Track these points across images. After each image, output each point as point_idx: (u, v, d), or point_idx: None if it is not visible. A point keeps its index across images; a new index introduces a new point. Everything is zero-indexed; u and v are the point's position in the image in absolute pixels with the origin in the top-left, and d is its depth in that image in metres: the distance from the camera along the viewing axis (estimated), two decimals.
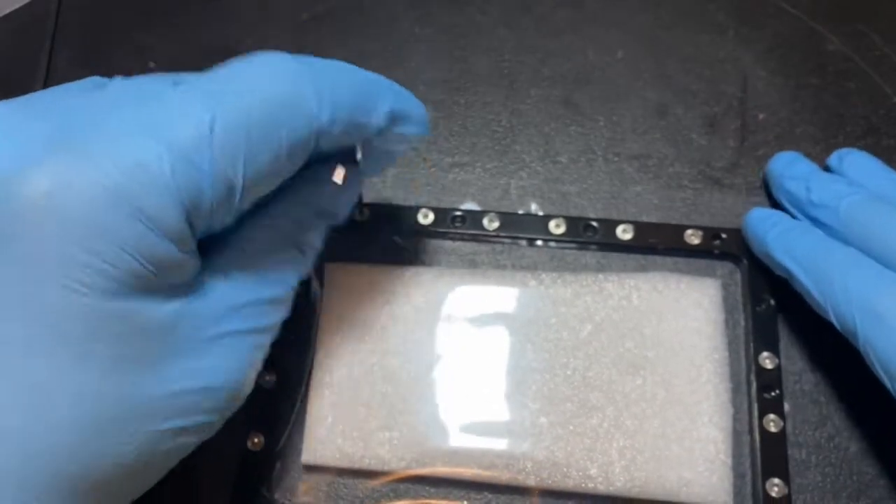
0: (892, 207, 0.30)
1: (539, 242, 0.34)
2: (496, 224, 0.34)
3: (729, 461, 0.29)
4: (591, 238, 0.34)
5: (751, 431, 0.30)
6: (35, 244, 0.19)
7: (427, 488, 0.30)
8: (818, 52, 0.38)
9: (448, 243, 0.34)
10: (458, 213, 0.34)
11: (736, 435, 0.30)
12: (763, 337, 0.32)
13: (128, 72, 0.38)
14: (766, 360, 0.31)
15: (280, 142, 0.21)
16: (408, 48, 0.39)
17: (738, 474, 0.30)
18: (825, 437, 0.30)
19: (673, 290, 0.31)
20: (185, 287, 0.22)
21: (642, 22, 0.39)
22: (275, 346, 0.31)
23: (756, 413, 0.30)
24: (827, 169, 0.34)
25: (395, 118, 0.24)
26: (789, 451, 0.30)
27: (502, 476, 0.29)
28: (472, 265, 0.34)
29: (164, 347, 0.21)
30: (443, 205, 0.35)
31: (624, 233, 0.33)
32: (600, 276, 0.32)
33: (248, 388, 0.24)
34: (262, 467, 0.31)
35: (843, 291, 0.28)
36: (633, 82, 0.37)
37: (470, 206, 0.35)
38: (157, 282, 0.20)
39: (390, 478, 0.30)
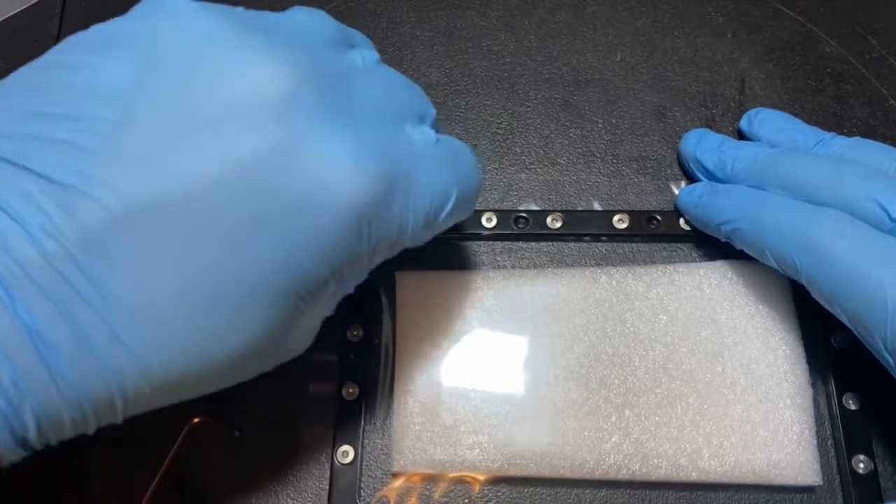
0: (802, 153, 0.31)
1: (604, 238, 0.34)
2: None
3: (814, 441, 0.29)
4: (655, 230, 0.34)
5: (830, 411, 0.31)
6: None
7: (519, 489, 0.30)
8: (815, 55, 0.38)
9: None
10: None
11: (817, 415, 0.30)
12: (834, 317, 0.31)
13: None
14: (840, 340, 0.31)
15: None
16: (409, 51, 0.39)
17: (822, 453, 0.30)
18: None
19: (742, 277, 0.32)
20: None
21: (641, 25, 0.39)
22: (355, 358, 0.32)
23: (834, 392, 0.31)
24: (740, 135, 0.35)
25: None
26: (872, 428, 0.30)
27: (594, 472, 0.29)
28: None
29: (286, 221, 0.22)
30: None
31: (686, 224, 0.34)
32: (669, 267, 0.32)
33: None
34: (354, 480, 0.30)
35: (776, 233, 0.28)
36: (631, 84, 0.38)
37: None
38: None
39: (481, 481, 0.30)
